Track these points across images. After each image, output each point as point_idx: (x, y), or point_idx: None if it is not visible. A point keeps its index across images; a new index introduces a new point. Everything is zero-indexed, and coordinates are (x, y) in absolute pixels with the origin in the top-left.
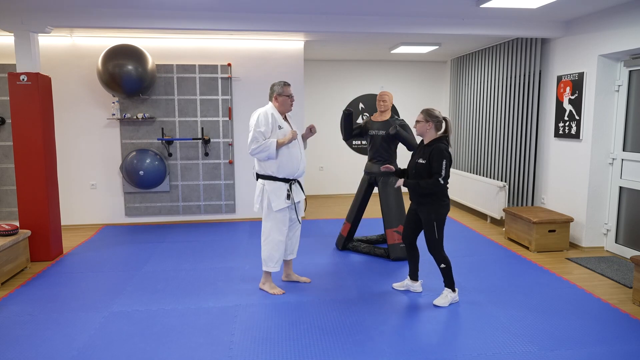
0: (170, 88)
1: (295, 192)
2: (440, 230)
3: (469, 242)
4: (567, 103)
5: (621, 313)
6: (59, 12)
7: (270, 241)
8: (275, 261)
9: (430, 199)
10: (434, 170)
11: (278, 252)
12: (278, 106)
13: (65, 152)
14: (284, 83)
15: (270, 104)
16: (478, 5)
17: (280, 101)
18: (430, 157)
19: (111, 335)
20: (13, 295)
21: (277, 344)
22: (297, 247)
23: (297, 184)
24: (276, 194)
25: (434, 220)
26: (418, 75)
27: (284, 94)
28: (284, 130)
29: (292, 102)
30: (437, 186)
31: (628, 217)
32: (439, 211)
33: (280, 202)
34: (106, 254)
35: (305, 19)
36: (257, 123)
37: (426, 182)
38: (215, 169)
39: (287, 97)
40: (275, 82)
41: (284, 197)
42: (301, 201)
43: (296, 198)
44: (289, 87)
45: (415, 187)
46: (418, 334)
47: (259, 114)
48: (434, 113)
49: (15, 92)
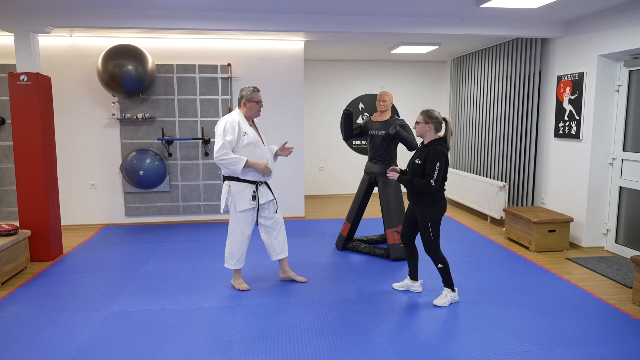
0: (170, 88)
1: (262, 194)
2: (436, 230)
3: (469, 242)
4: (567, 103)
5: (621, 313)
6: (59, 12)
7: (232, 240)
8: (236, 259)
9: (426, 199)
10: (426, 172)
11: (240, 251)
12: (246, 111)
13: (65, 152)
14: (254, 88)
15: (236, 110)
16: (478, 5)
17: (249, 107)
18: (426, 158)
19: (111, 335)
20: (13, 295)
21: (277, 344)
22: (285, 246)
23: (264, 185)
24: (241, 195)
25: (428, 221)
26: (418, 75)
27: (252, 100)
28: (249, 136)
29: (260, 108)
30: (427, 187)
31: (628, 217)
32: (434, 212)
33: (244, 204)
34: (106, 254)
35: (305, 19)
36: (224, 131)
37: (418, 181)
38: (215, 169)
39: (255, 103)
40: (245, 87)
41: (248, 198)
42: (270, 202)
43: (262, 199)
44: (259, 92)
45: (407, 184)
46: (418, 334)
47: (226, 121)
48: (434, 114)
49: (15, 92)
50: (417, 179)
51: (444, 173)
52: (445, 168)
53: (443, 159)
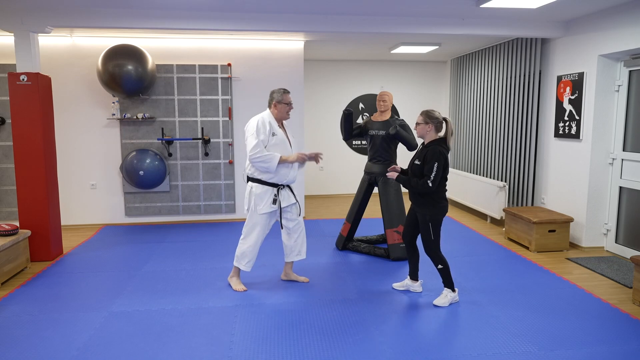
0: (170, 88)
1: (284, 197)
2: (436, 231)
3: (469, 242)
4: (567, 103)
5: (621, 313)
6: (59, 12)
7: (247, 240)
8: (247, 260)
9: (427, 200)
10: (424, 173)
11: (252, 253)
12: (276, 113)
13: (65, 152)
14: (284, 90)
15: (267, 111)
16: (478, 5)
17: (279, 108)
18: (425, 159)
19: (111, 335)
20: (13, 295)
21: (277, 344)
22: (303, 248)
23: (286, 189)
24: (262, 198)
25: (429, 221)
26: (418, 75)
27: (283, 102)
28: (277, 137)
29: (290, 110)
30: (424, 188)
31: (628, 217)
32: (435, 212)
33: (264, 207)
34: (106, 254)
35: (305, 19)
36: (257, 130)
37: (416, 181)
38: (215, 169)
39: (285, 105)
40: (275, 89)
41: (269, 201)
42: (293, 205)
43: (284, 203)
44: (289, 94)
45: (405, 183)
46: (418, 334)
47: (257, 120)
48: (434, 114)
49: (15, 92)
50: (415, 179)
51: (443, 174)
52: (444, 169)
53: (442, 159)
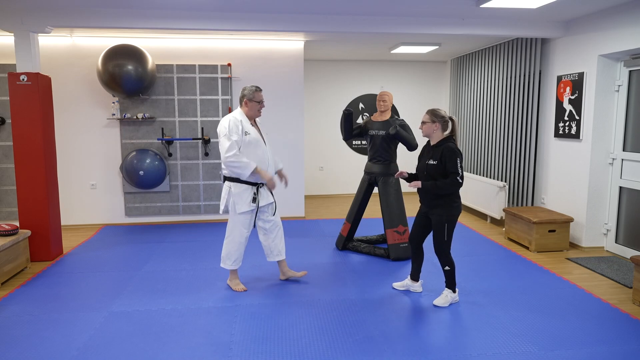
0: (170, 88)
1: (263, 196)
2: (450, 232)
3: (469, 242)
4: (567, 103)
5: (621, 313)
6: (59, 12)
7: (230, 241)
8: (233, 260)
9: (443, 200)
10: (449, 170)
11: (237, 252)
12: (247, 111)
13: (65, 152)
14: (256, 88)
15: (239, 109)
16: (478, 5)
17: (250, 106)
18: (442, 157)
19: (111, 335)
20: (13, 295)
21: (277, 344)
22: (282, 248)
23: (264, 188)
24: (241, 197)
25: (445, 222)
26: (418, 75)
27: (254, 100)
28: (250, 135)
29: (261, 108)
30: (455, 185)
31: (628, 217)
32: (451, 212)
33: (243, 206)
34: (106, 254)
35: (305, 19)
36: (229, 131)
37: (443, 182)
38: (215, 169)
39: (257, 103)
40: (247, 86)
41: (248, 200)
42: (270, 204)
43: (262, 202)
44: (260, 92)
45: (432, 187)
46: (418, 333)
47: (229, 120)
48: (440, 113)
49: (15, 92)
50: (442, 181)
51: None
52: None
53: (460, 154)
